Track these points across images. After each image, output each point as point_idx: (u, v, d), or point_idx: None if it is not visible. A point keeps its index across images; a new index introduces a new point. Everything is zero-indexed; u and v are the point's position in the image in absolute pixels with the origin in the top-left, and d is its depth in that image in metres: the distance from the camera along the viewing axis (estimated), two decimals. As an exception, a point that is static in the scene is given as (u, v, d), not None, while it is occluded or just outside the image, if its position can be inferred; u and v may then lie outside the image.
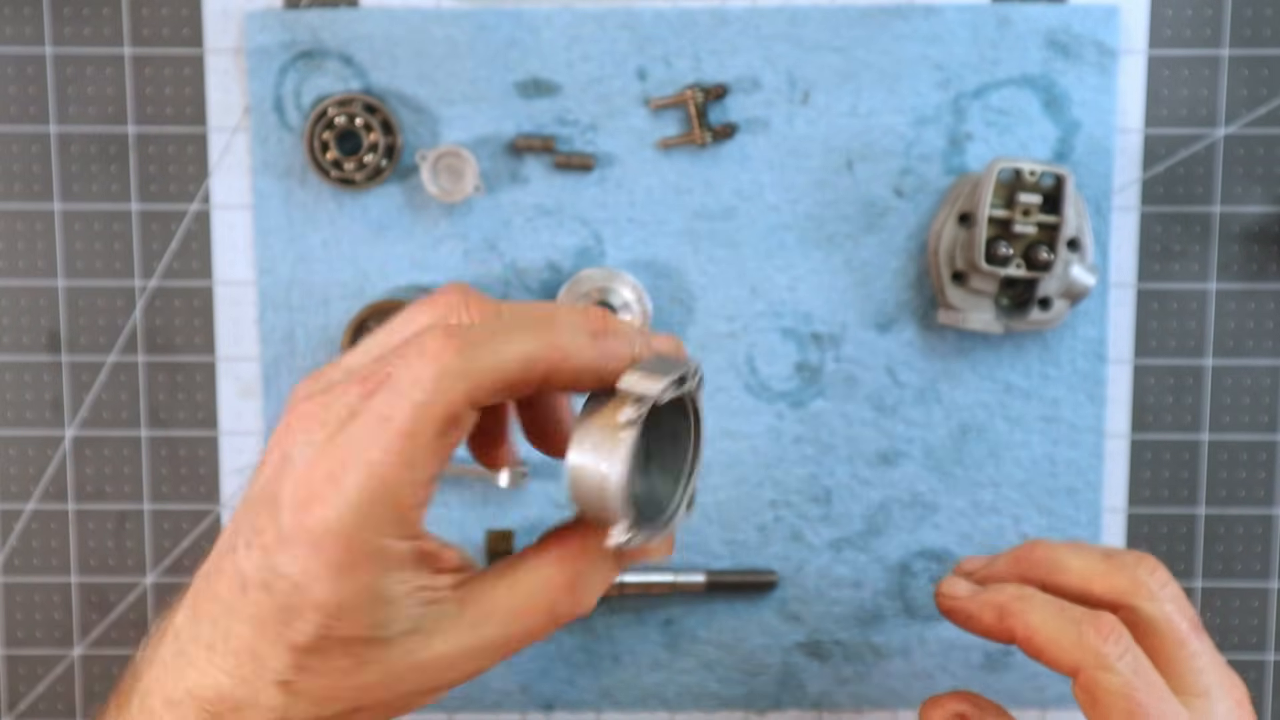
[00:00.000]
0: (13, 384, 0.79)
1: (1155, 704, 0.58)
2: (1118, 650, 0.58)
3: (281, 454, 0.47)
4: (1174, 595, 0.61)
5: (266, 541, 0.46)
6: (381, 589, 0.46)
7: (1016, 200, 0.72)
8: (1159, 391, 0.78)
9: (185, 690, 0.48)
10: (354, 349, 0.51)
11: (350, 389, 0.47)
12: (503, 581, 0.50)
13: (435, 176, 0.75)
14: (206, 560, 0.49)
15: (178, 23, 0.77)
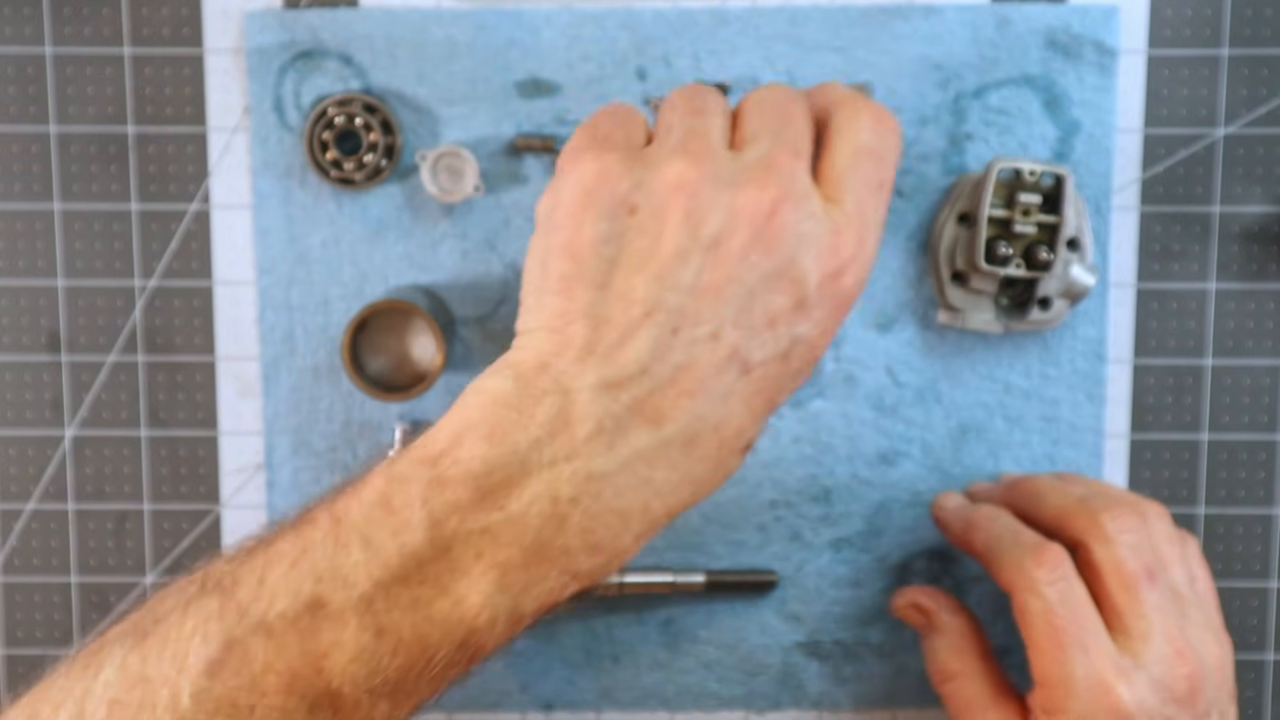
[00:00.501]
0: (12, 384, 0.79)
1: (1075, 630, 0.62)
2: (1050, 578, 0.63)
3: (781, 232, 0.50)
4: (1133, 543, 0.64)
5: (780, 316, 0.50)
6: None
7: (1016, 200, 0.72)
8: (1159, 391, 0.79)
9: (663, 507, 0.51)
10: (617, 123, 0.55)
11: (796, 164, 0.51)
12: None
13: (435, 176, 0.75)
14: (646, 364, 0.50)
15: (178, 23, 0.77)
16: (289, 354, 0.78)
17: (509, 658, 0.80)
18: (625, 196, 0.51)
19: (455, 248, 0.77)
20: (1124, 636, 0.63)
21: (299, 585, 0.48)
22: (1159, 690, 0.62)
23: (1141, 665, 0.62)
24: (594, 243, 0.50)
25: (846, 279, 0.51)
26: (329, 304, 0.78)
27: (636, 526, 0.49)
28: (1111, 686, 0.61)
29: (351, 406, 0.78)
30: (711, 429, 0.49)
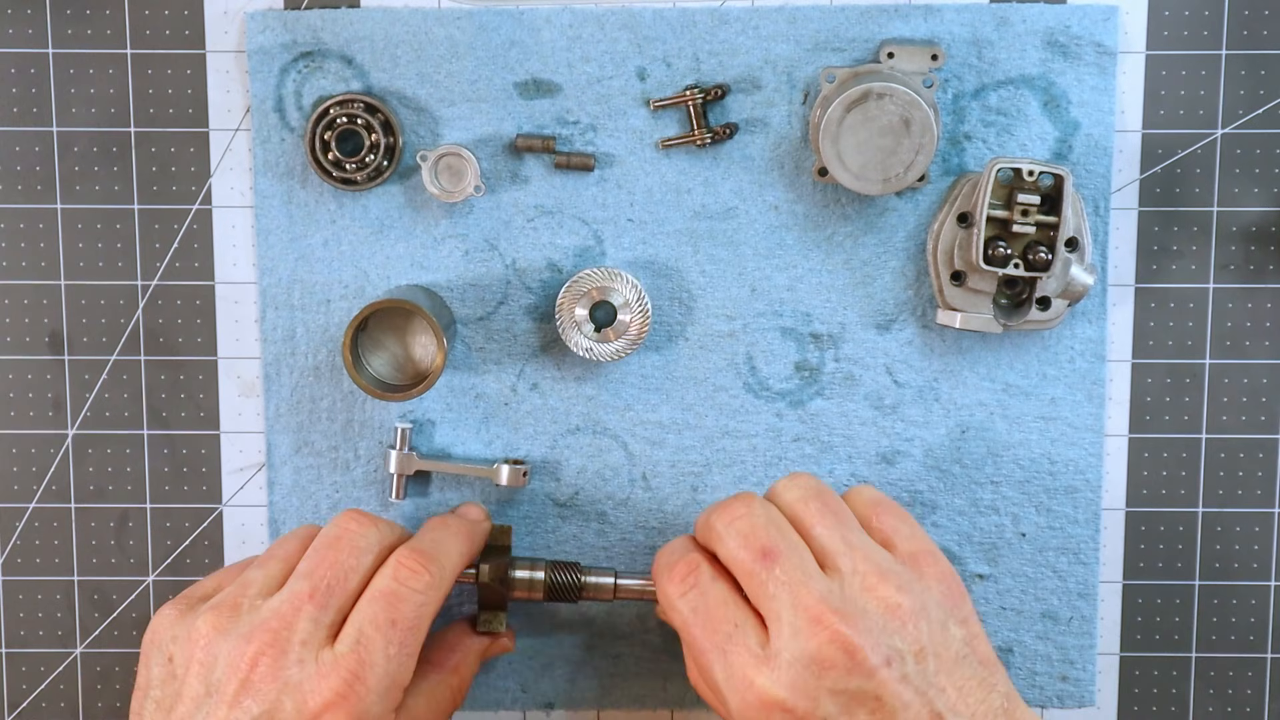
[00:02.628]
0: (14, 384, 0.79)
1: (709, 635, 0.62)
2: (680, 590, 0.64)
3: (273, 681, 0.60)
4: (743, 530, 0.63)
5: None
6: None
7: (1015, 200, 0.73)
8: (1158, 391, 0.79)
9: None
10: (210, 582, 0.69)
11: (303, 609, 0.62)
12: (422, 703, 0.69)
13: (435, 176, 0.75)
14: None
15: (179, 23, 0.77)
16: (290, 353, 0.78)
17: (510, 657, 0.80)
18: (164, 646, 0.63)
19: (455, 248, 0.77)
20: (767, 618, 0.61)
21: None
22: (806, 664, 0.59)
23: (781, 648, 0.60)
24: (144, 689, 0.63)
25: (332, 716, 0.60)
26: (330, 304, 0.78)
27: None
28: (753, 680, 0.59)
29: (352, 406, 0.79)
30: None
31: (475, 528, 0.73)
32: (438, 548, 0.67)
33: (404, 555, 0.65)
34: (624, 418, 0.78)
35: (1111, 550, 0.79)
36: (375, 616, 0.63)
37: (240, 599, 0.64)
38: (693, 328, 0.78)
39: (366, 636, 0.62)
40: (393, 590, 0.64)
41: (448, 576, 0.67)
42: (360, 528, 0.66)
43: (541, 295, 0.78)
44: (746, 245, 0.77)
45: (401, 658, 0.62)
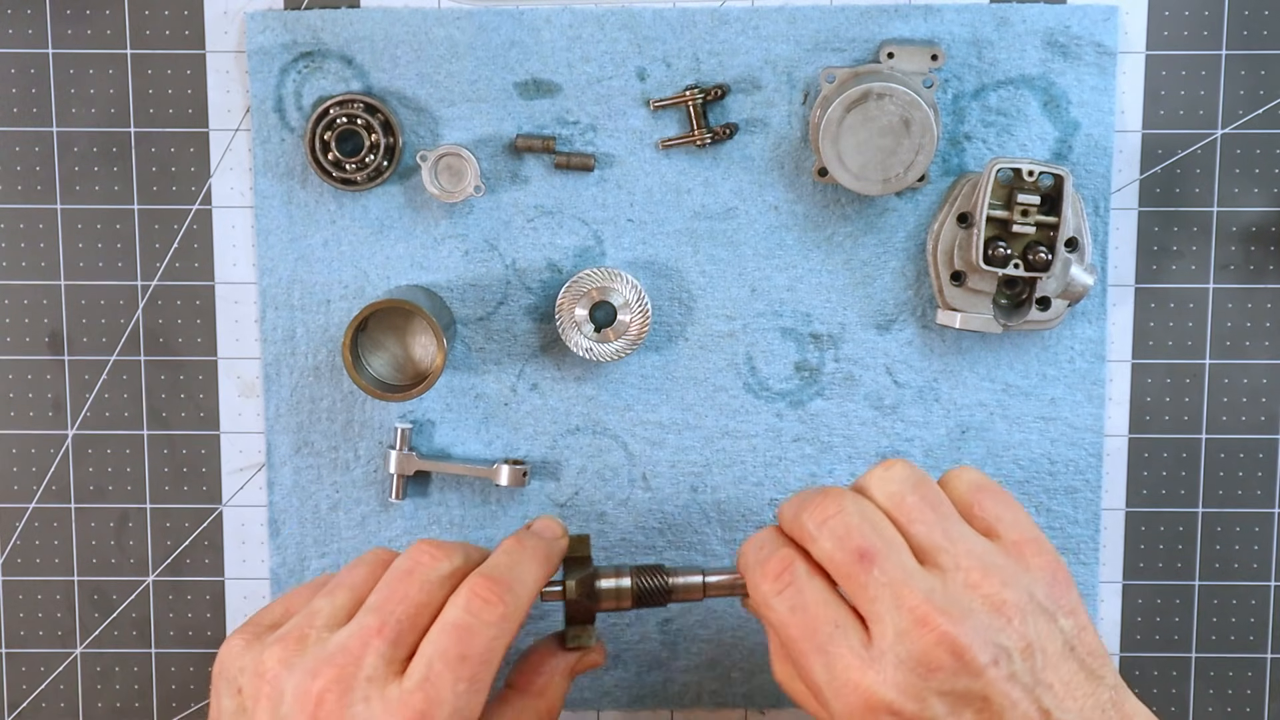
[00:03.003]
0: (14, 384, 0.79)
1: (810, 635, 0.60)
2: (775, 588, 0.61)
3: (333, 716, 0.59)
4: (834, 531, 0.61)
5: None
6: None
7: (1015, 200, 0.73)
8: (1157, 391, 0.79)
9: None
10: (279, 606, 0.67)
11: (371, 643, 0.61)
12: (509, 715, 0.68)
13: (435, 176, 0.75)
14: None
15: (178, 23, 0.77)
16: (290, 354, 0.78)
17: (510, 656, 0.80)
18: (234, 678, 0.62)
19: (455, 248, 0.77)
20: (867, 618, 0.60)
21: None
22: (912, 666, 0.57)
23: (885, 648, 0.58)
24: (223, 717, 0.63)
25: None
26: (330, 304, 0.78)
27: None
28: (858, 682, 0.58)
29: (352, 406, 0.79)
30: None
31: (552, 546, 0.68)
32: (513, 574, 0.64)
33: (477, 584, 0.62)
34: (624, 418, 0.78)
35: (1111, 550, 0.79)
36: (445, 651, 0.60)
37: (308, 630, 0.62)
38: (693, 328, 0.78)
39: (435, 673, 0.60)
40: (464, 623, 0.61)
41: (523, 604, 0.63)
42: (433, 561, 0.63)
43: (541, 295, 0.78)
44: (746, 245, 0.77)
45: (471, 694, 0.60)
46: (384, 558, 0.66)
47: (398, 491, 0.77)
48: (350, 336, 0.72)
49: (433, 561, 0.63)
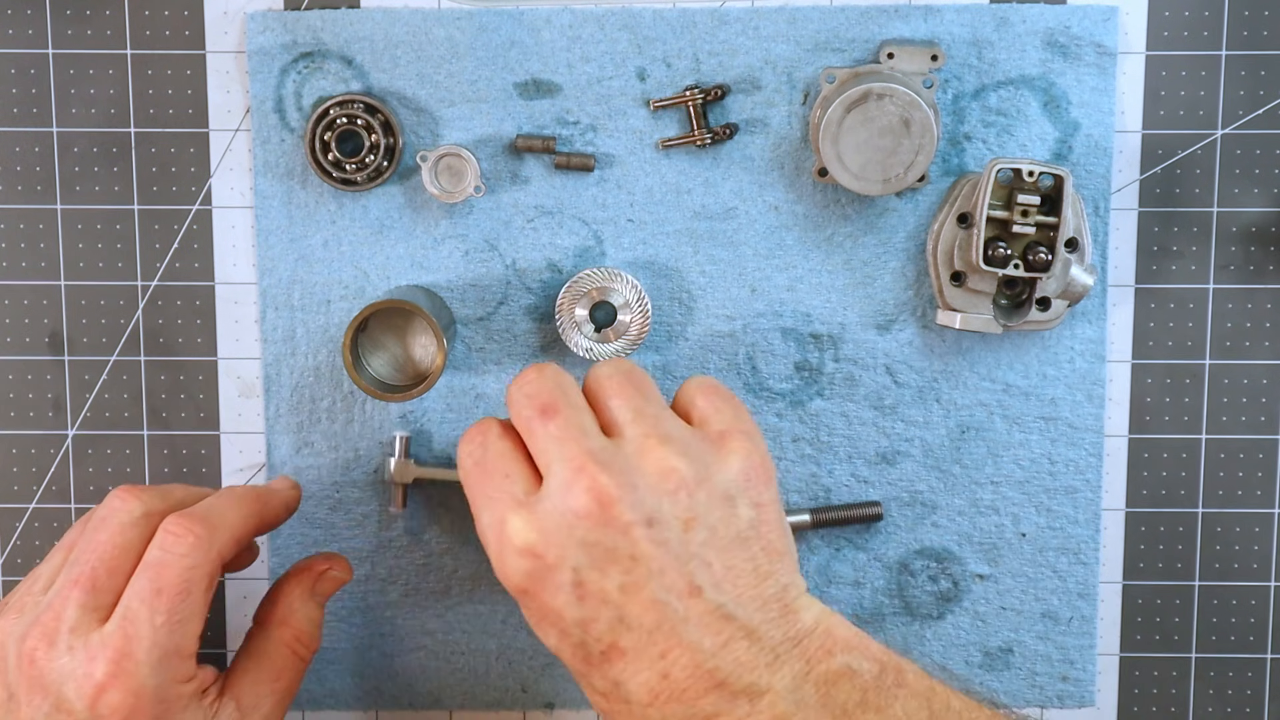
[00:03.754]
0: (14, 384, 0.79)
1: (482, 483, 0.61)
2: (466, 449, 0.63)
3: (40, 675, 0.62)
4: (529, 391, 0.62)
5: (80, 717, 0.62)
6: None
7: (1015, 201, 0.73)
8: (1158, 391, 0.79)
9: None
10: (31, 579, 0.68)
11: (70, 595, 0.63)
12: (250, 662, 0.69)
13: (435, 177, 0.75)
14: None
15: (178, 23, 0.77)
16: (290, 354, 0.78)
17: (510, 656, 0.80)
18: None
19: (455, 248, 0.77)
20: (541, 478, 0.60)
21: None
22: (562, 512, 0.58)
23: (543, 496, 0.59)
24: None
25: (110, 696, 0.61)
26: (330, 304, 0.78)
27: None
28: (505, 521, 0.59)
29: (352, 406, 0.79)
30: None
31: (267, 494, 0.70)
32: (210, 509, 0.66)
33: (169, 521, 0.64)
34: (624, 418, 0.78)
35: (1111, 550, 0.79)
36: (141, 589, 0.62)
37: (26, 598, 0.65)
38: (693, 328, 0.78)
39: (132, 611, 0.62)
40: (156, 559, 0.63)
41: (220, 537, 0.65)
42: (124, 505, 0.65)
43: (541, 295, 0.78)
44: (746, 245, 0.77)
45: (172, 625, 0.62)
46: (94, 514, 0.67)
47: (399, 501, 0.77)
48: (350, 337, 0.72)
49: (124, 505, 0.65)
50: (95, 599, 0.63)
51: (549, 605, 0.58)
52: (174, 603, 0.62)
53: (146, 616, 0.62)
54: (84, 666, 0.61)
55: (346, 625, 0.80)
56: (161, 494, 0.67)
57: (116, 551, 0.64)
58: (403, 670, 0.80)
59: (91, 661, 0.61)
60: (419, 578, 0.80)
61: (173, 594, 0.62)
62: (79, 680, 0.61)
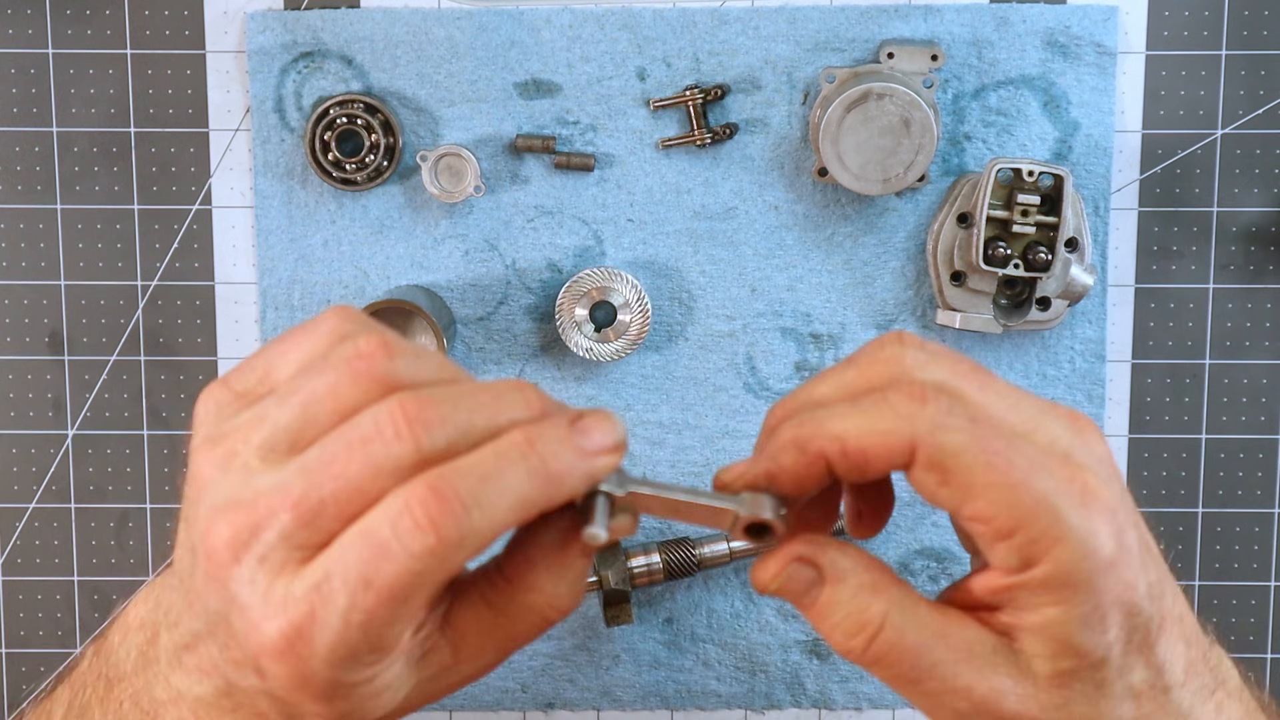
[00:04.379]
0: (14, 384, 0.79)
1: (1006, 446, 0.46)
2: (942, 407, 0.46)
3: (220, 583, 0.46)
4: (939, 358, 0.48)
5: (242, 663, 0.46)
6: (380, 686, 0.47)
7: (1015, 200, 0.73)
8: (1158, 391, 0.79)
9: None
10: (233, 406, 0.48)
11: (279, 515, 0.45)
12: (487, 614, 0.50)
13: (435, 177, 0.75)
14: (130, 639, 0.50)
15: (178, 23, 0.77)
16: (290, 354, 0.78)
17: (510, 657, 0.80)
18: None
19: (455, 248, 0.77)
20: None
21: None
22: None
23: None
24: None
25: (275, 665, 0.45)
26: (330, 304, 0.78)
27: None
28: (1087, 482, 0.45)
29: (352, 406, 0.78)
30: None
31: (574, 464, 0.46)
32: (481, 492, 0.44)
33: (419, 494, 0.44)
34: (624, 418, 0.78)
35: (1111, 550, 0.79)
36: (348, 568, 0.44)
37: (239, 446, 0.47)
38: (693, 328, 0.78)
39: (328, 591, 0.44)
40: (381, 540, 0.44)
41: (477, 535, 0.44)
42: (398, 438, 0.45)
43: (541, 295, 0.78)
44: (746, 245, 0.77)
45: (368, 629, 0.44)
46: (362, 372, 0.48)
47: None
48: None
49: (397, 440, 0.45)
50: (304, 535, 0.45)
51: (1127, 578, 0.46)
52: (379, 608, 0.44)
53: (341, 607, 0.44)
54: (258, 613, 0.45)
55: (346, 625, 0.80)
56: (464, 427, 0.46)
57: (356, 493, 0.45)
58: (403, 670, 0.80)
59: (265, 619, 0.45)
60: (419, 578, 0.80)
61: (383, 597, 0.44)
62: (249, 626, 0.45)
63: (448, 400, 0.46)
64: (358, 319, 0.50)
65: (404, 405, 0.46)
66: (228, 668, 0.47)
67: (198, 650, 0.48)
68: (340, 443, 0.46)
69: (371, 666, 0.46)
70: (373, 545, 0.44)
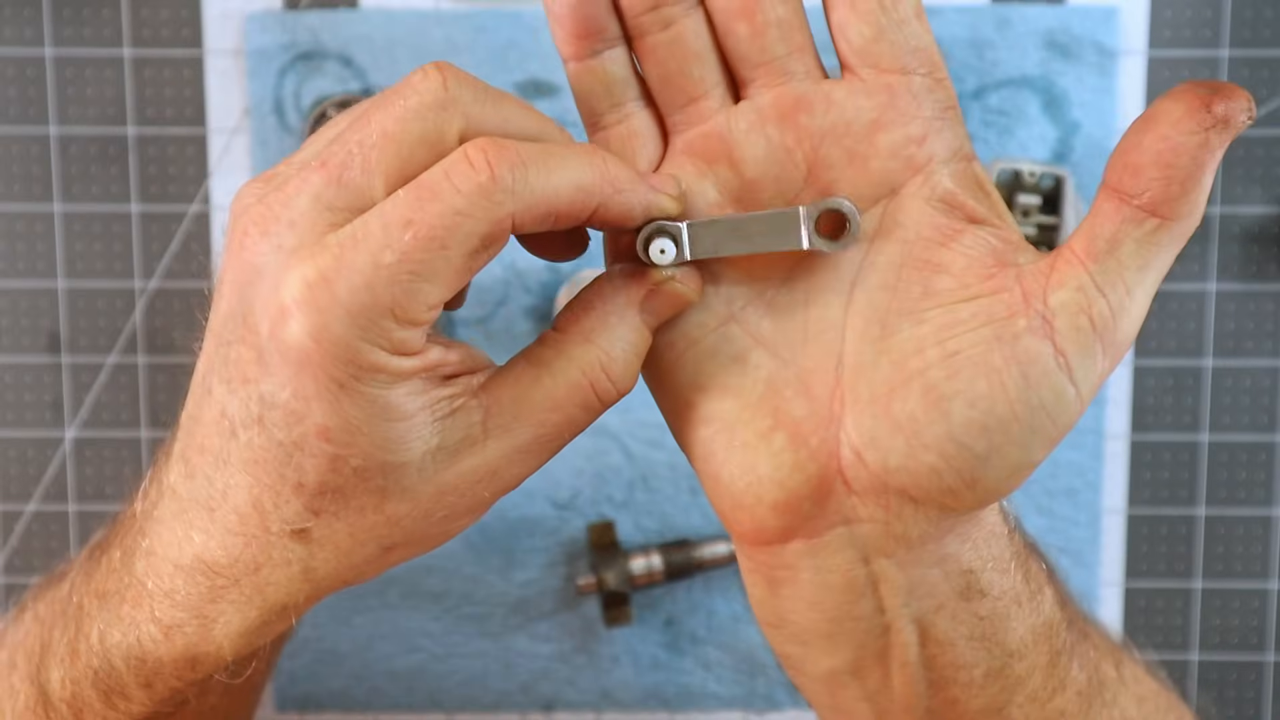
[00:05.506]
0: (13, 385, 0.79)
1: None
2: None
3: (244, 265, 0.41)
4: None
5: (247, 371, 0.41)
6: (391, 404, 0.41)
7: (1016, 201, 0.72)
8: (1158, 392, 0.79)
9: (193, 555, 0.44)
10: (316, 136, 0.44)
11: (310, 177, 0.41)
12: (529, 372, 0.45)
13: (435, 177, 0.75)
14: (187, 402, 0.44)
15: (178, 24, 0.77)
16: (289, 355, 0.78)
17: (509, 658, 0.80)
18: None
19: (455, 249, 0.77)
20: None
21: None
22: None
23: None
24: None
25: (290, 326, 0.40)
26: (329, 305, 0.78)
27: (180, 579, 0.44)
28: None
29: (351, 407, 0.78)
30: (220, 494, 0.43)
31: (621, 176, 0.44)
32: (544, 157, 0.42)
33: (484, 141, 0.41)
34: (623, 419, 0.78)
35: (1112, 551, 0.79)
36: (389, 211, 0.41)
37: (283, 166, 0.44)
38: (692, 329, 0.78)
39: (363, 232, 0.41)
40: (430, 182, 0.41)
41: (530, 191, 0.41)
42: (432, 84, 0.42)
43: (541, 296, 0.78)
44: (746, 246, 0.77)
45: (400, 273, 0.40)
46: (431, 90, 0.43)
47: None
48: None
49: (431, 89, 0.42)
50: (338, 194, 0.42)
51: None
52: (418, 248, 0.40)
53: (375, 247, 0.40)
54: (280, 273, 0.41)
55: (346, 627, 0.80)
56: (493, 100, 0.43)
57: (390, 143, 0.42)
58: (402, 672, 0.80)
59: (288, 271, 0.41)
60: (419, 579, 0.80)
61: (423, 237, 0.40)
62: (268, 291, 0.41)
63: (490, 90, 0.43)
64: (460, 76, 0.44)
65: (428, 67, 0.43)
66: (251, 369, 0.42)
67: (230, 359, 0.43)
68: (373, 103, 0.43)
69: (390, 348, 0.41)
70: (421, 188, 0.41)
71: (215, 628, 0.44)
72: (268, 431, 0.41)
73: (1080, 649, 0.50)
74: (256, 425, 0.42)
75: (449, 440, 0.43)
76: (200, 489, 0.43)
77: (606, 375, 0.47)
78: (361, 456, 0.41)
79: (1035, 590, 0.48)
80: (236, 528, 0.43)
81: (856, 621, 0.46)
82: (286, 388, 0.41)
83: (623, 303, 0.46)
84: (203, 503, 0.43)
